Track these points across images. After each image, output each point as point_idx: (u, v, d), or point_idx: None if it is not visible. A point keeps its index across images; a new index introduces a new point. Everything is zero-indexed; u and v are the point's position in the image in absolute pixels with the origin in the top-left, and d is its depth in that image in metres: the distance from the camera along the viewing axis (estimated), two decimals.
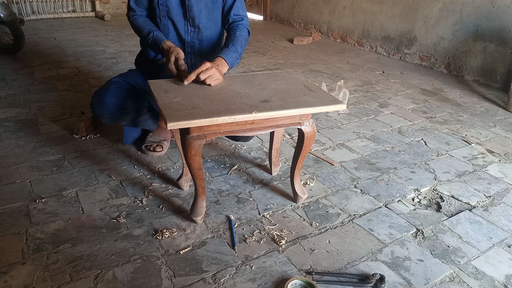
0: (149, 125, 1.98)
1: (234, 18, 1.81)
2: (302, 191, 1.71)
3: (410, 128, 2.53)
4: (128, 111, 1.83)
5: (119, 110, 1.79)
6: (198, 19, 1.79)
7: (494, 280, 1.36)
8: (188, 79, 1.51)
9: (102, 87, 1.83)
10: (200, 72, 1.49)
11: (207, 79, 1.50)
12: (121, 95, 1.79)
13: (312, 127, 1.52)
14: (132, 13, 1.84)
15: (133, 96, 1.83)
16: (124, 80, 1.85)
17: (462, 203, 1.78)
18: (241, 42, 1.72)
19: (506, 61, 3.31)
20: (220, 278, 1.31)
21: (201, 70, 1.49)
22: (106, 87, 1.80)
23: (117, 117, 1.82)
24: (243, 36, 1.76)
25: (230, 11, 1.81)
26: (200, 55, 1.88)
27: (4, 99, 2.69)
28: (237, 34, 1.74)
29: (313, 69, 3.72)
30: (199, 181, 1.49)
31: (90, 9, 5.75)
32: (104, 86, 1.82)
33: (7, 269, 1.32)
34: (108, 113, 1.78)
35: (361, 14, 4.55)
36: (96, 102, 1.78)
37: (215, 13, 1.83)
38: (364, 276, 1.32)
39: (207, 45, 1.88)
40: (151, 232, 1.51)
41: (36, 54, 3.78)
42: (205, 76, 1.49)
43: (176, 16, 1.78)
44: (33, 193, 1.71)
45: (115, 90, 1.78)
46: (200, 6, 1.77)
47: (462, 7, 3.53)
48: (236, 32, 1.75)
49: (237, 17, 1.81)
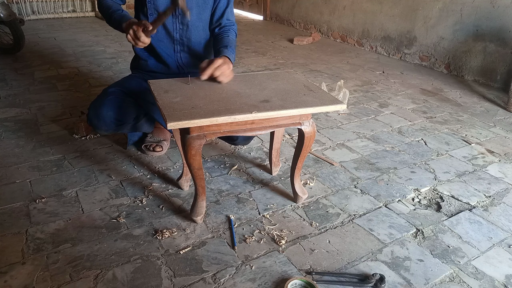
0: (146, 129, 1.98)
1: (226, 22, 1.85)
2: (302, 191, 1.71)
3: (410, 128, 2.53)
4: (125, 122, 1.81)
5: (115, 122, 1.78)
6: None
7: (494, 280, 1.36)
8: (205, 74, 1.50)
9: (98, 98, 1.79)
10: (216, 69, 1.50)
11: (220, 75, 1.51)
12: (118, 107, 1.77)
13: (312, 127, 1.52)
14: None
15: (130, 106, 1.81)
16: (121, 90, 1.81)
17: (462, 203, 1.78)
18: (234, 45, 1.78)
19: (506, 61, 3.31)
20: (220, 278, 1.31)
21: (216, 66, 1.50)
22: (102, 98, 1.77)
23: (114, 129, 1.82)
24: (235, 40, 1.82)
25: (222, 16, 1.84)
26: (190, 53, 1.89)
27: (4, 99, 2.69)
28: (230, 38, 1.79)
29: (313, 69, 3.72)
30: (199, 181, 1.49)
31: (90, 9, 5.75)
32: (100, 98, 1.79)
33: (7, 269, 1.32)
34: (105, 125, 1.77)
35: (361, 14, 4.55)
36: (93, 114, 1.76)
37: (205, 13, 1.83)
38: (364, 276, 1.32)
39: (195, 43, 1.87)
40: (151, 232, 1.51)
41: (36, 54, 3.78)
42: (219, 72, 1.50)
43: None
44: (33, 193, 1.71)
45: (112, 102, 1.75)
46: (191, 4, 1.77)
47: (462, 7, 3.53)
48: (229, 36, 1.79)
49: (228, 22, 1.86)
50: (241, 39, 4.74)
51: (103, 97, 1.78)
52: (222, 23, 1.84)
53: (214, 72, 1.50)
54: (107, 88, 1.84)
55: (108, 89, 1.82)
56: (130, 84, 1.88)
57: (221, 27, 1.85)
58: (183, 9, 1.50)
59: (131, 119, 1.83)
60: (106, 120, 1.75)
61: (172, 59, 1.88)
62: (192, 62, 1.89)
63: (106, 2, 1.79)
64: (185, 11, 1.52)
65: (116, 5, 1.80)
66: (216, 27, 1.86)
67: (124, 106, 1.79)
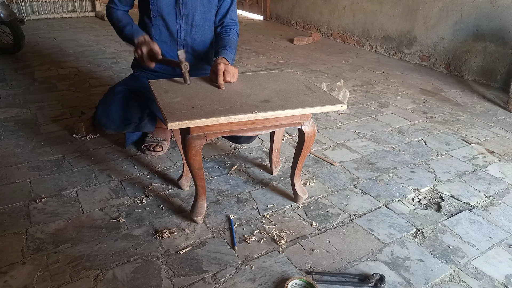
0: (148, 129, 1.99)
1: (229, 22, 1.86)
2: (303, 191, 1.71)
3: (410, 128, 2.53)
4: (132, 121, 1.83)
5: (124, 121, 1.81)
6: (192, 16, 1.80)
7: (494, 280, 1.36)
8: (222, 83, 1.52)
9: (106, 97, 1.83)
10: (224, 73, 1.52)
11: (230, 78, 1.55)
12: (126, 105, 1.80)
13: (312, 127, 1.52)
14: (113, 5, 1.84)
15: (136, 105, 1.83)
16: (127, 89, 1.84)
17: (462, 203, 1.78)
18: (235, 45, 1.79)
19: (506, 61, 3.31)
20: (220, 278, 1.31)
21: (222, 73, 1.52)
22: (112, 97, 1.80)
23: (121, 128, 1.85)
24: (236, 40, 1.83)
25: (226, 15, 1.85)
26: (193, 54, 1.89)
27: (4, 99, 2.69)
28: (231, 37, 1.80)
29: (313, 69, 3.72)
30: (200, 181, 1.49)
31: (90, 9, 5.74)
32: (108, 96, 1.82)
33: (7, 269, 1.32)
34: (113, 124, 1.80)
35: (361, 14, 4.55)
36: (102, 113, 1.79)
37: (210, 12, 1.84)
38: (364, 276, 1.32)
39: (199, 43, 1.88)
40: (151, 232, 1.51)
41: (36, 54, 3.78)
42: (229, 76, 1.54)
43: (168, 15, 1.78)
44: (33, 193, 1.71)
45: (120, 101, 1.79)
46: (196, 4, 1.78)
47: (462, 7, 3.53)
48: (230, 36, 1.80)
49: (231, 21, 1.87)
50: (241, 39, 4.74)
51: (112, 96, 1.80)
52: (225, 22, 1.85)
53: (226, 77, 1.53)
54: (114, 87, 1.86)
55: (116, 88, 1.84)
56: (136, 83, 1.89)
57: (223, 26, 1.85)
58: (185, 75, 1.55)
59: (136, 118, 1.84)
60: (115, 118, 1.78)
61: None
62: (195, 63, 1.89)
63: (116, 15, 1.83)
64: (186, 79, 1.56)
65: (126, 17, 1.82)
66: (219, 26, 1.87)
67: (131, 105, 1.81)
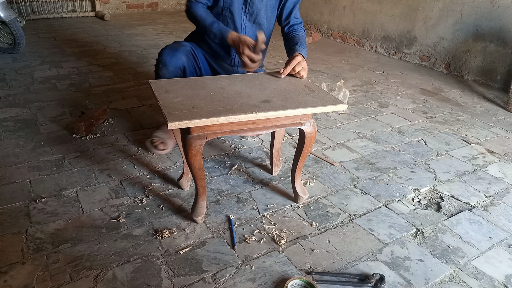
0: None
1: (294, 21, 1.97)
2: (303, 191, 1.71)
3: (410, 128, 2.53)
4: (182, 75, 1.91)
5: (180, 70, 1.88)
6: (256, 15, 1.89)
7: (494, 280, 1.36)
8: (285, 72, 1.65)
9: (175, 43, 1.92)
10: (296, 64, 1.63)
11: (301, 70, 1.64)
12: (187, 59, 1.90)
13: (313, 127, 1.53)
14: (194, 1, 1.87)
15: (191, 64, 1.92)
16: (191, 47, 1.94)
17: (462, 203, 1.78)
18: (305, 41, 1.89)
19: (506, 61, 3.31)
20: (220, 278, 1.31)
21: (297, 63, 1.63)
22: (179, 45, 1.89)
23: (173, 74, 1.89)
24: (305, 36, 1.95)
25: (291, 14, 1.96)
26: None
27: (4, 99, 2.68)
28: (300, 34, 1.91)
29: (313, 69, 3.72)
30: (200, 181, 1.49)
31: (90, 9, 5.74)
32: (177, 44, 1.91)
33: (7, 269, 1.32)
34: (173, 65, 1.85)
35: (361, 14, 4.55)
36: (169, 52, 1.85)
37: (272, 13, 1.95)
38: (364, 276, 1.33)
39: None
40: (151, 232, 1.51)
41: (36, 54, 3.78)
42: (300, 68, 1.64)
43: (236, 10, 1.86)
44: (33, 193, 1.71)
45: (186, 52, 1.89)
46: (261, 5, 1.87)
47: (462, 7, 3.53)
48: (299, 33, 1.92)
49: (296, 20, 1.97)
50: None
51: (180, 44, 1.91)
52: (291, 22, 1.95)
53: (295, 68, 1.63)
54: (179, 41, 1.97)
55: (181, 42, 1.96)
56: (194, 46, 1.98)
57: (290, 25, 1.95)
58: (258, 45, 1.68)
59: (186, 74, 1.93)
60: (178, 62, 1.86)
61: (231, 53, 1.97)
62: None
63: (199, 12, 1.85)
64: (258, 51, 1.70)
65: (209, 14, 1.86)
66: (285, 25, 1.96)
67: (190, 61, 1.91)
